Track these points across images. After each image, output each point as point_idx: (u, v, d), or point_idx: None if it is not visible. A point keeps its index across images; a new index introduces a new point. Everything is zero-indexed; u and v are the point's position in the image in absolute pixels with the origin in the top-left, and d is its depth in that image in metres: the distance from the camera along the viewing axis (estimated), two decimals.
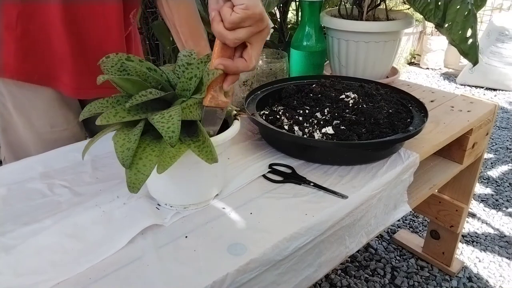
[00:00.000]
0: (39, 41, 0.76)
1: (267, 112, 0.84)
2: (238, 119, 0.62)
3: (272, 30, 2.09)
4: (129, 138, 0.51)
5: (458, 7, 0.92)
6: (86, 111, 0.56)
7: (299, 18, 1.82)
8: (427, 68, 3.45)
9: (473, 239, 1.50)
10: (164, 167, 0.50)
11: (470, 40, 0.93)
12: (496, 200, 1.73)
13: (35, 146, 0.84)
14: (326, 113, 0.79)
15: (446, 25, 0.94)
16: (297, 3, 1.90)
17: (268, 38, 2.16)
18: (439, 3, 0.94)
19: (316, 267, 0.63)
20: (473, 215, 1.63)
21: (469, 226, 1.57)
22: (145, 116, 0.53)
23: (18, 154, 0.85)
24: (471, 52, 0.95)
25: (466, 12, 0.91)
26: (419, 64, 3.54)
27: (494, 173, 1.93)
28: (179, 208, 0.61)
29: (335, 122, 0.77)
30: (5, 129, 0.85)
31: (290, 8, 2.05)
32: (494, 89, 2.99)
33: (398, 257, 1.41)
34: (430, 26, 3.42)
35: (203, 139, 0.53)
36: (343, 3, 1.16)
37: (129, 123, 0.54)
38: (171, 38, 1.68)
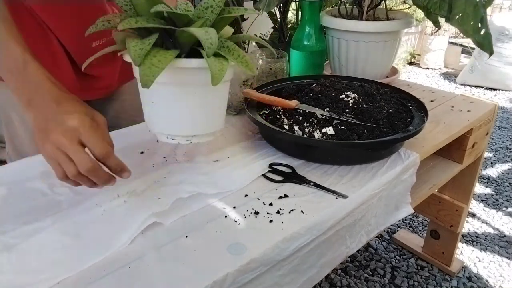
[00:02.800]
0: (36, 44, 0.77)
1: (267, 112, 0.84)
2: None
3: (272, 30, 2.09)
4: (142, 42, 0.52)
5: None
6: (93, 28, 0.57)
7: (299, 18, 1.82)
8: (427, 68, 3.45)
9: (473, 239, 1.50)
10: (217, 79, 0.51)
11: (483, 30, 0.91)
12: (496, 200, 1.73)
13: (29, 143, 0.85)
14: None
15: (457, 16, 0.91)
16: (297, 3, 1.90)
17: (268, 38, 2.16)
18: None
19: (318, 268, 0.63)
20: (473, 215, 1.63)
21: (469, 226, 1.57)
22: (165, 26, 0.54)
23: (18, 149, 0.87)
24: (485, 42, 0.92)
25: (475, 3, 0.90)
26: (419, 64, 3.54)
27: (494, 173, 1.93)
28: (181, 140, 0.59)
29: (335, 121, 0.77)
30: (7, 123, 0.87)
31: (290, 8, 2.05)
32: (494, 89, 2.99)
33: (398, 257, 1.41)
34: (430, 26, 3.41)
35: (238, 52, 0.55)
36: (343, 3, 1.16)
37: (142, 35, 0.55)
38: None
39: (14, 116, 0.84)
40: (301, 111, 0.80)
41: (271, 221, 0.60)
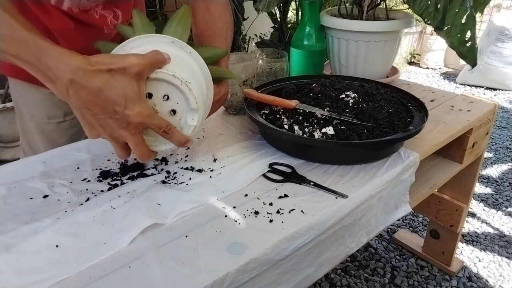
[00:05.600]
0: None
1: (267, 112, 0.83)
2: None
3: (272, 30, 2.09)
4: None
5: (457, 10, 0.92)
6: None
7: (299, 18, 1.82)
8: (427, 68, 3.45)
9: (473, 239, 1.50)
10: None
11: (469, 43, 0.94)
12: (496, 200, 1.73)
13: (37, 135, 0.89)
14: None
15: (445, 28, 0.94)
16: (297, 2, 1.90)
17: (268, 38, 2.16)
18: (439, 6, 0.93)
19: (316, 267, 0.63)
20: (473, 215, 1.63)
21: (469, 225, 1.57)
22: None
23: (29, 142, 0.91)
24: (469, 55, 0.95)
25: (465, 15, 0.91)
26: (419, 63, 3.54)
27: (494, 172, 1.93)
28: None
29: (335, 121, 0.77)
30: (20, 118, 0.90)
31: (290, 8, 2.05)
32: (494, 89, 2.99)
33: (398, 257, 1.41)
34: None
35: None
36: (343, 2, 1.16)
37: None
38: None
39: (24, 111, 0.87)
40: (301, 111, 0.80)
41: (271, 221, 0.60)
